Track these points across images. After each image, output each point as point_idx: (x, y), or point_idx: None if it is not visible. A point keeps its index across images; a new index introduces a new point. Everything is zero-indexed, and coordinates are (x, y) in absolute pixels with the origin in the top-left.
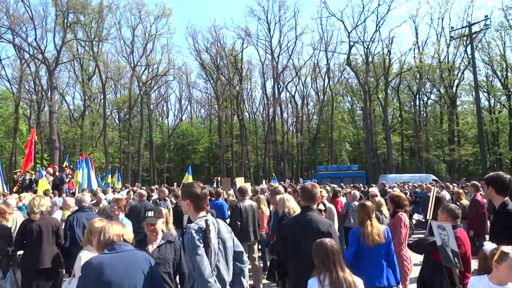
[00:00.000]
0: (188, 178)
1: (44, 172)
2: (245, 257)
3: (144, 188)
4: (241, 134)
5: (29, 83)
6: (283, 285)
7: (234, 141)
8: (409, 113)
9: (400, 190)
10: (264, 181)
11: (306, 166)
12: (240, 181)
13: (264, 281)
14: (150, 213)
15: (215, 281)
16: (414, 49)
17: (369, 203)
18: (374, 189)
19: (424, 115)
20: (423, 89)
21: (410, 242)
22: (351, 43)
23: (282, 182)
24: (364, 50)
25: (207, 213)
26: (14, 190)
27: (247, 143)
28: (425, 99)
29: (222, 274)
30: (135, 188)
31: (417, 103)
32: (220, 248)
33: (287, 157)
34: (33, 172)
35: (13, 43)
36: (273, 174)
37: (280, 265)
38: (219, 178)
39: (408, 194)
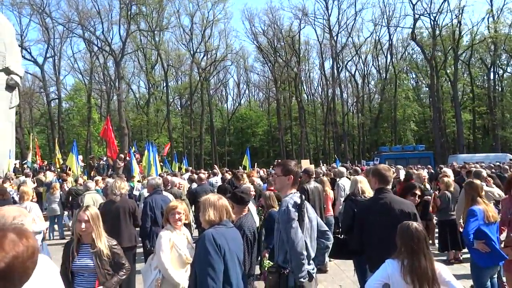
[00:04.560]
0: (247, 161)
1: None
2: (331, 234)
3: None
4: (299, 116)
5: (99, 74)
6: (355, 265)
7: (293, 123)
8: (481, 88)
9: None
10: (322, 163)
11: (368, 147)
12: (305, 163)
13: (331, 263)
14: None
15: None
16: (488, 18)
17: (477, 181)
18: (447, 169)
19: (500, 89)
20: (498, 62)
21: None
22: (416, 16)
23: (344, 164)
24: (430, 23)
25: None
26: (91, 174)
27: (306, 125)
28: (501, 72)
29: (309, 250)
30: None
31: (491, 77)
32: (307, 226)
33: (347, 138)
34: (109, 158)
35: (83, 38)
36: (335, 155)
37: (345, 244)
38: (280, 160)
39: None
